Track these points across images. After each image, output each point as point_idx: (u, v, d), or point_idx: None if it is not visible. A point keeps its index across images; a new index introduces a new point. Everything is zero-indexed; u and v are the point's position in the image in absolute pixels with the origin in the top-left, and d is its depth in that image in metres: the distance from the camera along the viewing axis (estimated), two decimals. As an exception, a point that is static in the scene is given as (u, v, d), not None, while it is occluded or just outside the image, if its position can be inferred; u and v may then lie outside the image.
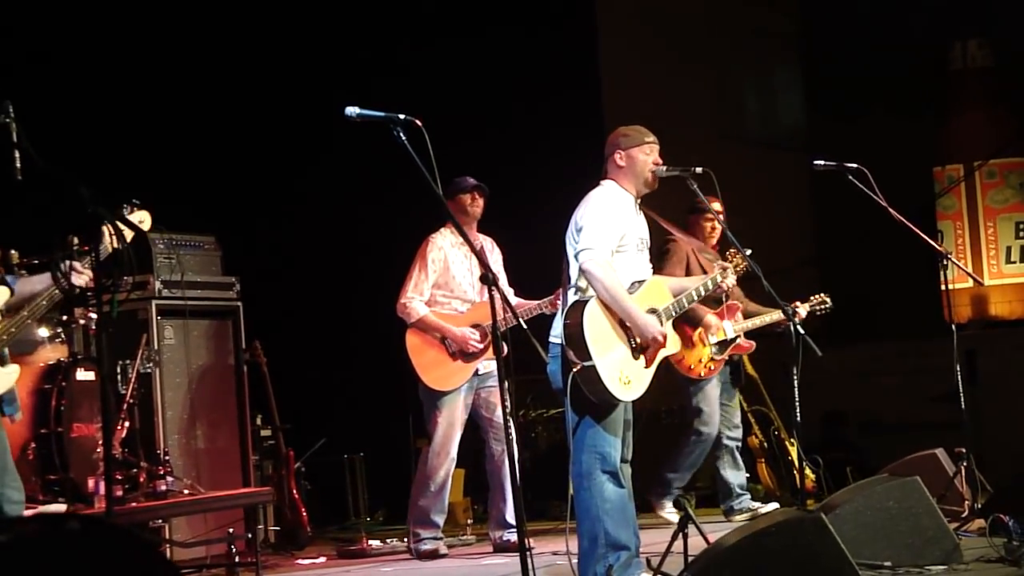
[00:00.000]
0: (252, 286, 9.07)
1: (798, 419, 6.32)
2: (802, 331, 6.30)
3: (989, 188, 9.97)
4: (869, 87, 11.39)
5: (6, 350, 5.56)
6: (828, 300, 8.83)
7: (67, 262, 5.52)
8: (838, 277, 10.73)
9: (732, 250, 6.73)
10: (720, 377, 8.87)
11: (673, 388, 8.79)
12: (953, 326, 8.25)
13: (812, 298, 8.82)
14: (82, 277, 5.52)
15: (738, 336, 8.77)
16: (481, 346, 8.15)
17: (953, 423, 7.88)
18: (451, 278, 8.34)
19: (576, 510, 6.33)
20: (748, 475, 9.13)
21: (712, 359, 8.74)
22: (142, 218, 6.04)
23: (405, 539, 8.84)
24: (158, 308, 8.49)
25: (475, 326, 8.21)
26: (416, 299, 8.27)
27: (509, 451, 5.05)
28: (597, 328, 6.13)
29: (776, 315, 8.60)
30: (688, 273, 8.46)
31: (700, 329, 8.71)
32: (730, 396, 8.96)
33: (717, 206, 8.26)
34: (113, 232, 4.96)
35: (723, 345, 8.76)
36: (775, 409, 9.50)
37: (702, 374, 8.74)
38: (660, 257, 8.45)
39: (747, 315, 8.81)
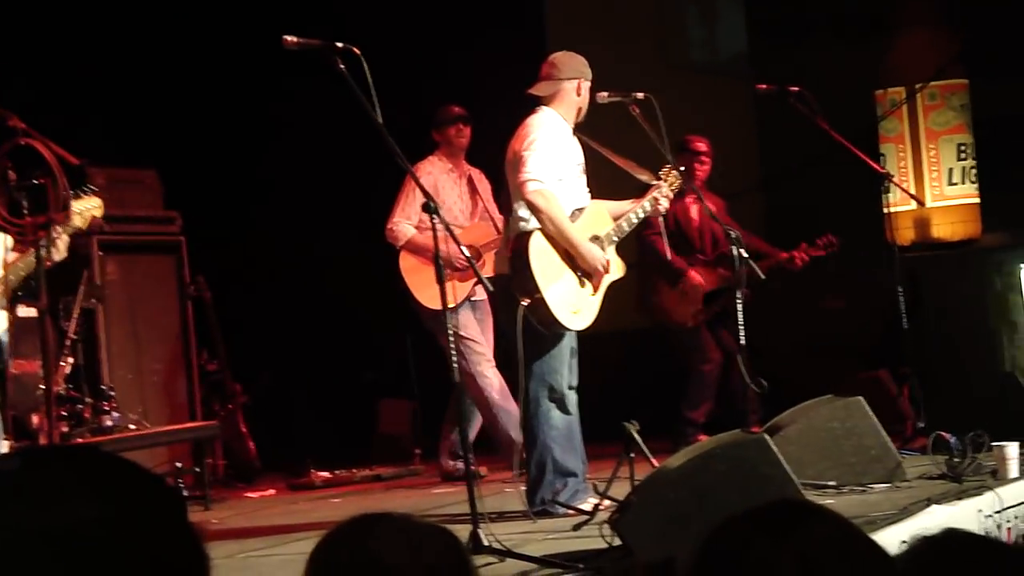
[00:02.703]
0: (197, 221, 9.00)
1: (742, 342, 6.36)
2: (746, 255, 6.33)
3: (931, 110, 9.97)
4: (811, 10, 11.37)
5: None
6: (835, 240, 8.87)
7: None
8: (782, 202, 10.76)
9: (665, 168, 6.70)
10: None
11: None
12: (896, 248, 8.33)
13: (818, 241, 8.85)
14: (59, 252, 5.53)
15: (729, 285, 8.73)
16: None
17: (897, 344, 7.95)
18: (440, 203, 8.13)
19: (525, 438, 6.37)
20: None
21: (700, 311, 8.75)
22: (95, 205, 6.00)
23: (353, 470, 8.86)
24: (100, 243, 8.41)
25: (468, 247, 8.12)
26: (403, 223, 8.15)
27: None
28: (543, 259, 6.14)
29: (781, 256, 8.67)
30: None
31: (685, 282, 8.68)
32: None
33: (702, 147, 8.31)
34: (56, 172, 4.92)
35: (711, 297, 8.77)
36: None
37: (689, 324, 8.74)
38: None
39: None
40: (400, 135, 5.63)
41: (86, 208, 5.92)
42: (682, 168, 6.68)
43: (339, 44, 5.57)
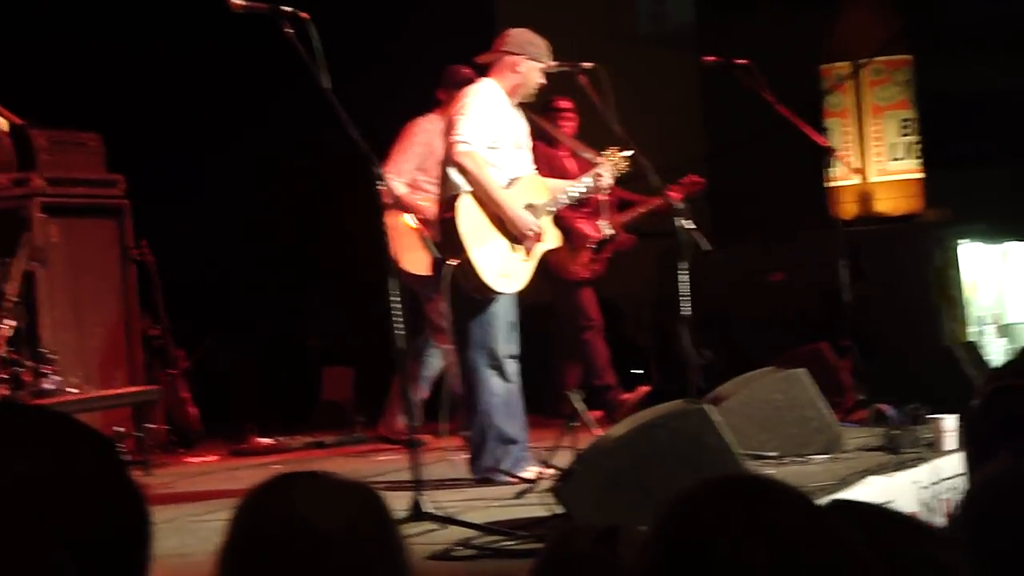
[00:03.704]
0: (141, 185, 8.93)
1: (687, 314, 6.40)
2: (691, 225, 6.36)
3: (875, 85, 10.05)
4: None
5: None
6: (699, 179, 8.85)
7: None
8: (726, 175, 10.80)
9: (610, 148, 6.72)
10: None
11: None
12: (839, 222, 8.39)
13: (682, 180, 8.80)
14: None
15: (616, 232, 8.79)
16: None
17: (837, 318, 8.02)
18: (436, 164, 7.99)
19: (465, 406, 6.39)
20: (640, 371, 9.24)
21: (594, 260, 8.77)
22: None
23: (295, 437, 8.85)
24: (42, 205, 8.33)
25: None
26: (394, 179, 7.94)
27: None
28: (471, 221, 6.16)
29: (652, 203, 8.60)
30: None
31: (575, 235, 8.68)
32: None
33: (565, 104, 8.28)
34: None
35: (603, 243, 8.78)
36: (661, 306, 9.58)
37: (586, 276, 8.77)
38: None
39: (623, 207, 8.84)
40: (349, 101, 5.61)
41: None
42: (630, 151, 6.68)
43: (287, 8, 5.55)
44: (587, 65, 6.63)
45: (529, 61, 6.46)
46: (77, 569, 1.31)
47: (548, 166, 8.25)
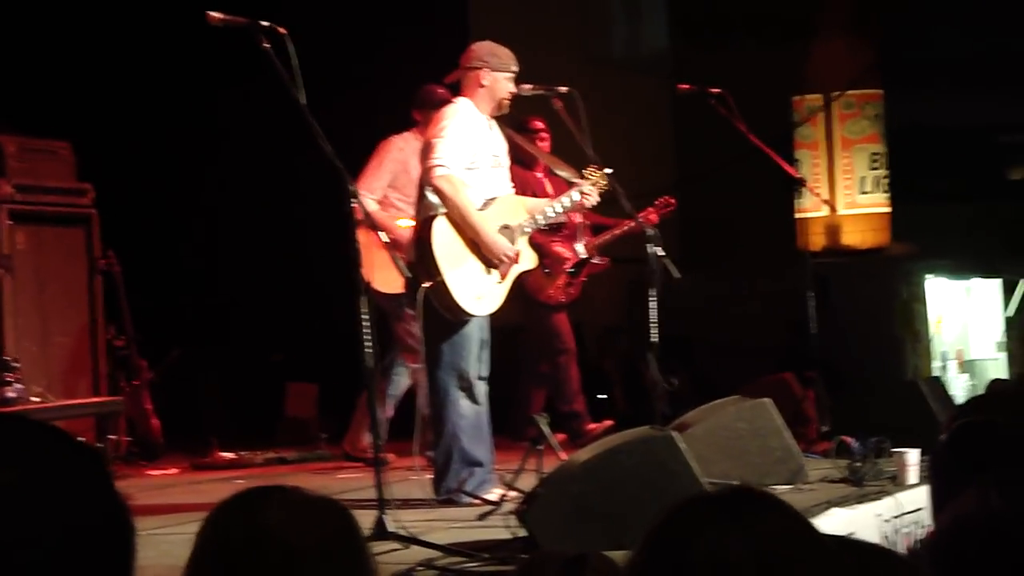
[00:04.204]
0: (110, 195, 8.89)
1: (655, 340, 6.40)
2: (661, 252, 6.38)
3: (846, 119, 10.11)
4: (732, 13, 11.47)
5: None
6: (672, 200, 8.87)
7: None
8: (696, 203, 10.84)
9: (592, 167, 6.73)
10: None
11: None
12: (807, 253, 8.41)
13: (656, 202, 8.83)
14: None
15: (591, 255, 8.81)
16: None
17: (803, 348, 8.04)
18: (410, 182, 7.99)
19: (432, 427, 6.38)
20: (605, 396, 9.25)
21: (570, 283, 8.78)
22: None
23: (258, 452, 8.82)
24: (10, 212, 8.28)
25: None
26: (366, 196, 7.86)
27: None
28: (446, 244, 6.17)
29: (626, 225, 8.61)
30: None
31: (550, 259, 8.68)
32: None
33: (539, 125, 8.29)
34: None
35: (579, 266, 8.80)
36: (629, 332, 9.60)
37: (562, 300, 8.78)
38: None
39: (597, 231, 8.85)
40: (324, 117, 5.61)
41: None
42: (610, 170, 6.70)
43: (264, 23, 5.55)
44: (562, 89, 6.65)
45: (493, 72, 6.46)
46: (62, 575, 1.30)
47: (523, 188, 8.25)
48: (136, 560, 1.42)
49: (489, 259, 6.26)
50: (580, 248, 8.76)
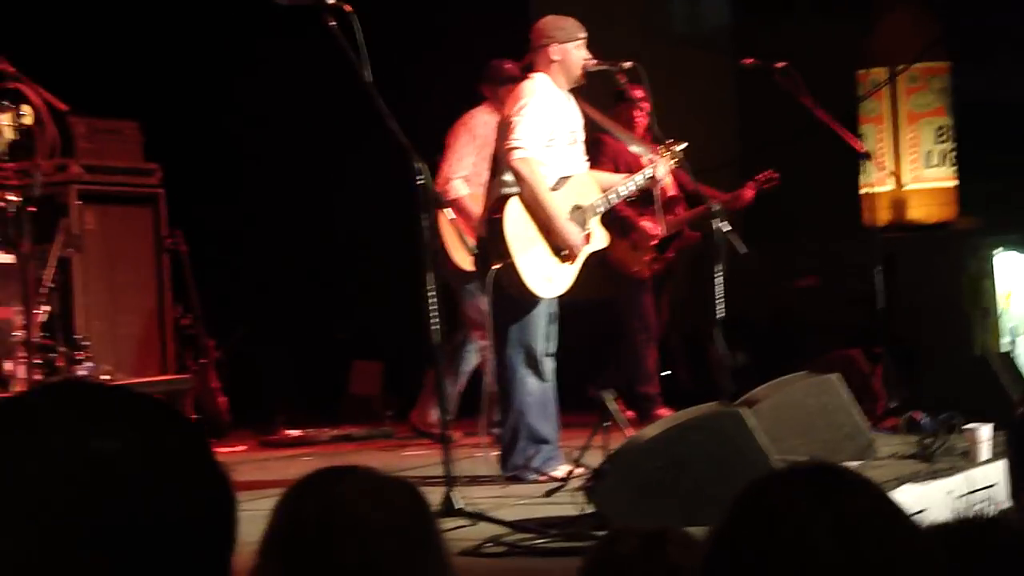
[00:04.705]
0: (177, 174, 8.96)
1: (721, 316, 6.38)
2: (727, 227, 6.35)
3: (912, 92, 10.01)
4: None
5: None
6: (775, 175, 8.83)
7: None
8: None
9: (668, 141, 6.71)
10: None
11: None
12: (874, 228, 8.35)
13: (758, 176, 8.81)
14: None
15: (672, 232, 8.73)
16: None
17: (871, 324, 7.99)
18: (485, 157, 7.95)
19: (499, 404, 6.39)
20: (669, 373, 9.21)
21: (656, 259, 8.73)
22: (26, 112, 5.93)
23: (324, 429, 8.87)
24: (79, 193, 8.36)
25: None
26: (455, 180, 7.76)
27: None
28: (518, 226, 6.16)
29: (723, 198, 8.60)
30: (618, 169, 8.40)
31: (637, 232, 8.65)
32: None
33: (640, 94, 8.25)
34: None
35: (665, 242, 8.74)
36: (696, 307, 9.56)
37: (645, 275, 8.73)
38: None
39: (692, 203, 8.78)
40: (388, 95, 5.61)
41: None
42: (684, 144, 6.67)
43: (330, 1, 5.55)
44: (627, 64, 6.62)
45: (561, 44, 6.44)
46: (166, 548, 1.32)
47: (616, 160, 8.23)
48: (238, 533, 1.44)
49: (559, 245, 6.25)
50: (665, 223, 8.68)
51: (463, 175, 7.82)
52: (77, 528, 1.28)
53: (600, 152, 8.54)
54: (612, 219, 8.45)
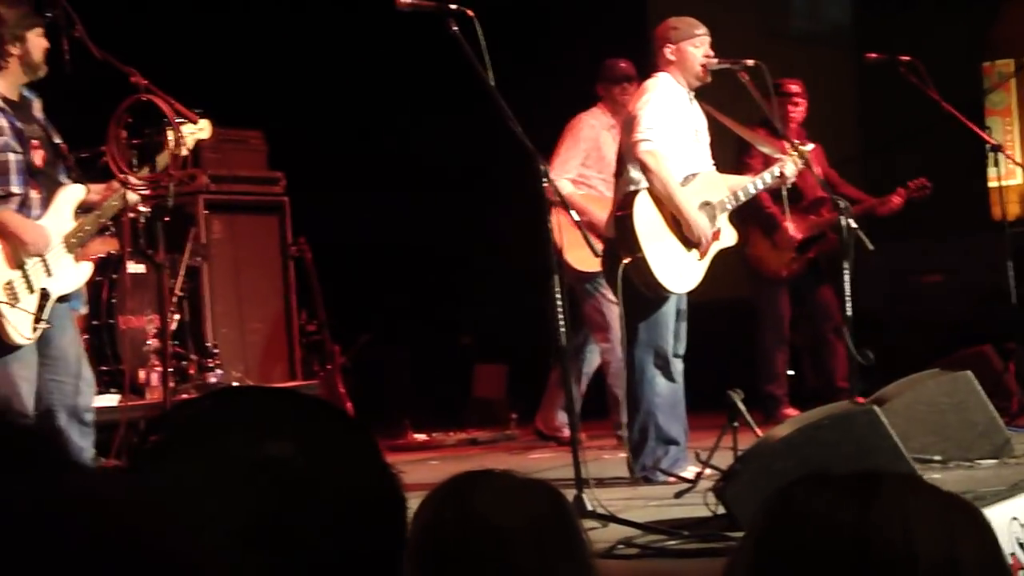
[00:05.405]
0: (301, 182, 9.05)
1: (849, 314, 6.31)
2: (855, 225, 6.28)
3: (1039, 83, 9.86)
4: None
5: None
6: (928, 184, 8.73)
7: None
8: (882, 174, 10.64)
9: (797, 140, 6.65)
10: None
11: None
12: (1005, 222, 8.19)
13: (910, 184, 8.72)
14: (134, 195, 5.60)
15: (823, 232, 8.61)
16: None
17: (1002, 320, 7.85)
18: (601, 158, 7.90)
19: (628, 404, 6.36)
20: (793, 372, 9.12)
21: (795, 259, 8.65)
22: (203, 127, 6.05)
23: (450, 433, 8.91)
24: (206, 202, 8.49)
25: None
26: (561, 177, 7.68)
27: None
28: (648, 219, 6.13)
29: (873, 203, 8.56)
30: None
31: (779, 233, 8.57)
32: None
33: (795, 88, 8.17)
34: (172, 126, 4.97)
35: (806, 244, 8.66)
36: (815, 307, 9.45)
37: (783, 275, 8.65)
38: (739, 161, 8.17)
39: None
40: (509, 97, 5.61)
41: (190, 133, 5.96)
42: (812, 145, 6.61)
43: (452, 5, 5.57)
44: (749, 62, 6.56)
45: (677, 44, 6.41)
46: (341, 548, 1.33)
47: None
48: (407, 532, 1.45)
49: (689, 237, 6.22)
50: (808, 225, 8.59)
51: (567, 178, 7.83)
52: (256, 531, 1.29)
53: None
54: (757, 217, 8.41)
